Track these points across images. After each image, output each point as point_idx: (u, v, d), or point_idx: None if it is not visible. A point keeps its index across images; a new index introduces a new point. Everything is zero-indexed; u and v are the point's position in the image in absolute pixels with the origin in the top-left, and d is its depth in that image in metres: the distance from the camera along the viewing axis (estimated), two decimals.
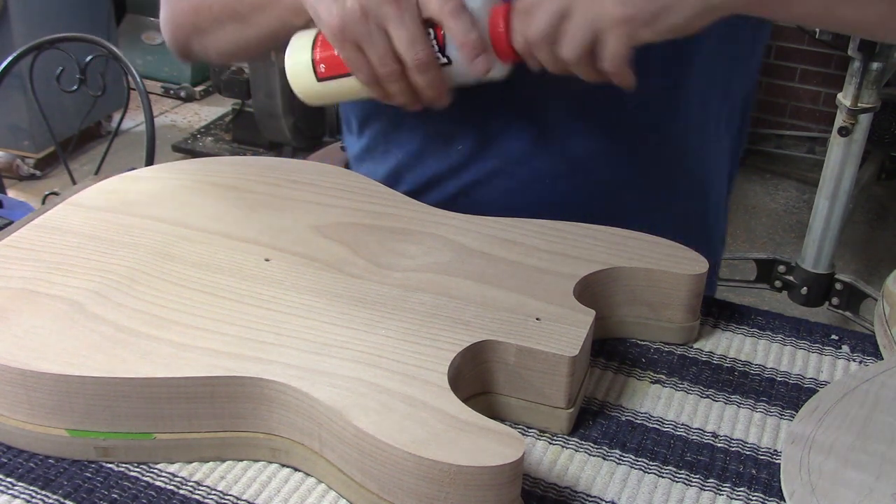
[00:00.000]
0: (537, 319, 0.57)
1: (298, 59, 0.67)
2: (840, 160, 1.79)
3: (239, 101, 3.03)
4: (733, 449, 0.57)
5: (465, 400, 0.52)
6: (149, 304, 0.57)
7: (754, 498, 0.53)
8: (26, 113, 2.80)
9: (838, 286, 1.92)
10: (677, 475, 0.54)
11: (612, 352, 0.65)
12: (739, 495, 0.53)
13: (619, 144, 0.76)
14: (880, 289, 0.70)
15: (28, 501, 0.50)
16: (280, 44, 0.72)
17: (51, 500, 0.51)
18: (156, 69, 3.51)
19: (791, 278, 1.96)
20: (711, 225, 0.85)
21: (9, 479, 0.52)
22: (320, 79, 0.66)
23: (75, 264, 0.61)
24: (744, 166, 3.15)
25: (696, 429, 0.58)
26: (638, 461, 0.55)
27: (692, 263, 0.64)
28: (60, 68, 1.79)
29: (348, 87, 0.66)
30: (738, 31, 0.74)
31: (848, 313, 1.91)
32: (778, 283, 1.98)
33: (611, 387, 0.62)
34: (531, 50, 0.61)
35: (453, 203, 0.75)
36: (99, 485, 0.52)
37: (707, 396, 0.61)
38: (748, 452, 0.56)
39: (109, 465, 0.53)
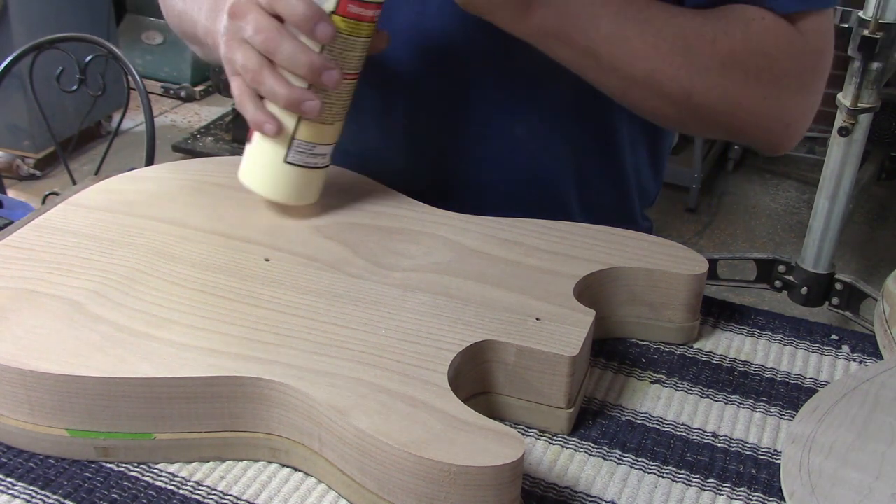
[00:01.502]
0: (537, 319, 0.57)
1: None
2: (840, 160, 1.79)
3: None
4: (733, 449, 0.57)
5: (465, 400, 0.52)
6: (149, 304, 0.57)
7: (754, 498, 0.53)
8: (26, 113, 2.80)
9: (838, 286, 1.92)
10: (677, 475, 0.54)
11: (612, 352, 0.65)
12: (739, 495, 0.53)
13: (546, 125, 0.77)
14: (880, 289, 0.70)
15: (28, 501, 0.50)
16: None
17: (51, 500, 0.51)
18: (156, 69, 3.50)
19: (791, 278, 1.96)
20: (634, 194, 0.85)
21: (9, 479, 0.52)
22: (248, 141, 0.67)
23: (75, 264, 0.61)
24: (744, 166, 3.15)
25: (696, 429, 0.58)
26: (638, 461, 0.55)
27: (692, 263, 0.64)
28: (60, 68, 1.79)
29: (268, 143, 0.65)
30: None
31: (848, 313, 1.91)
32: (778, 283, 1.98)
33: (611, 387, 0.62)
34: None
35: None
36: (99, 485, 0.52)
37: (707, 396, 0.61)
38: (748, 452, 0.56)
39: (109, 465, 0.53)
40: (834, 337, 0.67)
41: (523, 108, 0.76)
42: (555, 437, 0.57)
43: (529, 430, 0.57)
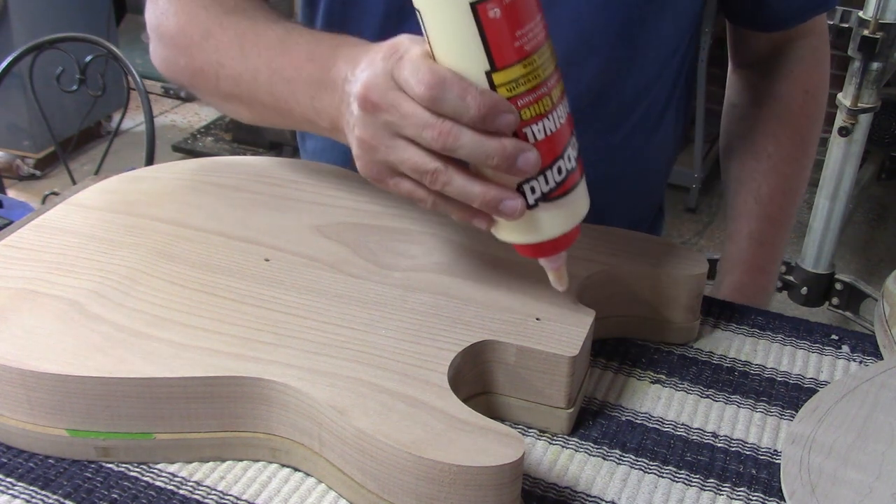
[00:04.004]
0: (537, 319, 0.57)
1: None
2: (840, 160, 1.79)
3: None
4: (733, 449, 0.57)
5: (465, 400, 0.52)
6: (149, 304, 0.57)
7: (754, 498, 0.53)
8: (26, 113, 2.80)
9: (838, 286, 1.92)
10: (677, 475, 0.54)
11: (612, 352, 0.65)
12: (739, 495, 0.53)
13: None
14: (880, 289, 0.70)
15: (28, 501, 0.50)
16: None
17: (51, 500, 0.51)
18: (156, 69, 3.50)
19: (791, 278, 1.96)
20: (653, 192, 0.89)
21: (9, 479, 0.52)
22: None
23: (75, 264, 0.61)
24: None
25: (696, 429, 0.58)
26: (638, 461, 0.55)
27: (692, 263, 0.64)
28: (60, 68, 1.79)
29: None
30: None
31: (848, 313, 1.91)
32: (778, 283, 1.98)
33: (611, 387, 0.61)
34: None
35: None
36: (99, 485, 0.52)
37: (707, 396, 0.61)
38: (748, 452, 0.56)
39: (109, 465, 0.53)
40: (834, 337, 0.67)
41: None
42: (555, 437, 0.57)
43: (529, 430, 0.57)
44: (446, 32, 0.49)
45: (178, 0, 0.70)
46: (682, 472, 0.55)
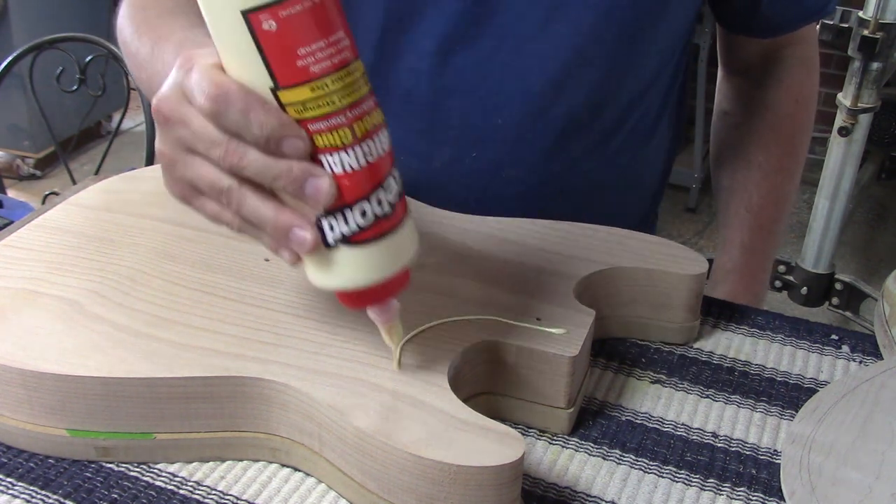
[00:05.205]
0: (537, 319, 0.57)
1: None
2: (840, 160, 1.79)
3: None
4: (733, 449, 0.57)
5: (465, 400, 0.52)
6: (149, 304, 0.57)
7: (754, 498, 0.53)
8: (26, 113, 2.80)
9: (838, 286, 1.92)
10: (677, 475, 0.54)
11: (612, 352, 0.65)
12: (739, 495, 0.53)
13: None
14: (880, 289, 0.70)
15: (28, 501, 0.50)
16: None
17: (51, 500, 0.51)
18: None
19: (791, 278, 1.96)
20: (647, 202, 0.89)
21: (9, 479, 0.52)
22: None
23: (75, 264, 0.61)
24: None
25: (696, 429, 0.58)
26: (638, 461, 0.55)
27: (692, 263, 0.64)
28: (60, 68, 1.79)
29: None
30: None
31: (848, 313, 1.91)
32: (778, 283, 1.98)
33: (611, 387, 0.62)
34: None
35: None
36: (99, 485, 0.52)
37: (707, 396, 0.61)
38: (748, 452, 0.56)
39: (109, 465, 0.53)
40: (834, 337, 0.67)
41: (544, 115, 0.75)
42: (555, 437, 0.57)
43: (529, 430, 0.57)
44: (226, 42, 0.45)
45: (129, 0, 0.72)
46: (682, 472, 0.55)
